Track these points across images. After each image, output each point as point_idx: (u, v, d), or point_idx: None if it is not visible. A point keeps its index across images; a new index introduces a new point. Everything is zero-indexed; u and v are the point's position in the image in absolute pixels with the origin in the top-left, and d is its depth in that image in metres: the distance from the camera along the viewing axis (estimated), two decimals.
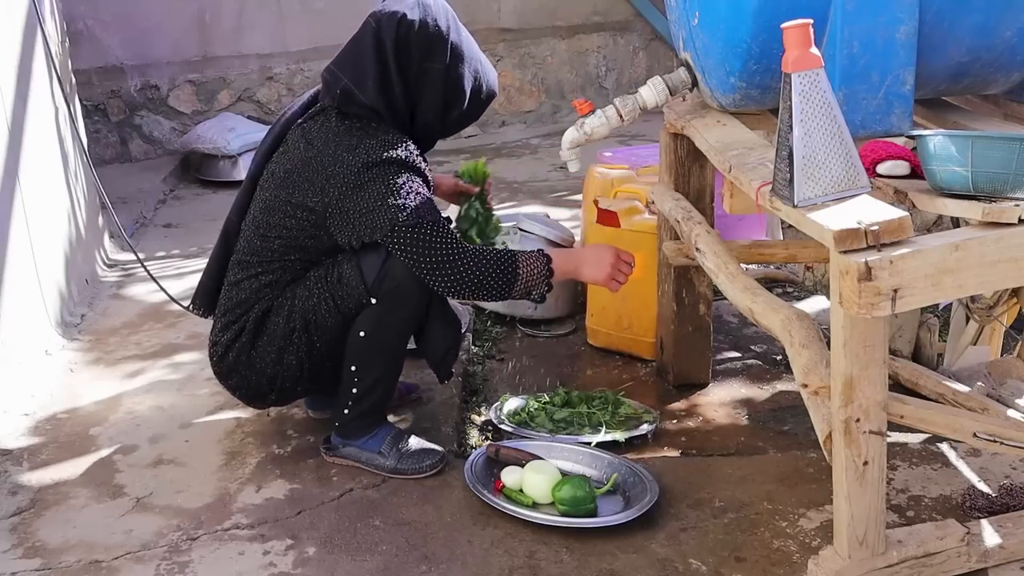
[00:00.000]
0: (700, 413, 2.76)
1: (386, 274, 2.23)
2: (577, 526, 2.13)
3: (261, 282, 2.33)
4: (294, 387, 2.38)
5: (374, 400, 2.36)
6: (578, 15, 6.68)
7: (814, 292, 3.53)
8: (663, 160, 2.74)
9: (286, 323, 2.30)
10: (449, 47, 2.31)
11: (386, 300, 2.25)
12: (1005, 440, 1.85)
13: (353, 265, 2.25)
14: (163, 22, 5.82)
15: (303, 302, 2.29)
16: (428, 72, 2.30)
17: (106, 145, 5.85)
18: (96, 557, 2.11)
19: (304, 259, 2.31)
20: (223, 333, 2.37)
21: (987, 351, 2.70)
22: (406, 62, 2.29)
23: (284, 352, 2.31)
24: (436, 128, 2.38)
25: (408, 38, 2.28)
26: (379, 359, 2.32)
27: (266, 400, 2.43)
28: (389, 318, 2.27)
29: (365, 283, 2.24)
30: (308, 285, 2.29)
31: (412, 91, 2.31)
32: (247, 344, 2.33)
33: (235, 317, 2.35)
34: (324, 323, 2.28)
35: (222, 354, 2.38)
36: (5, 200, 3.09)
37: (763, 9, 2.07)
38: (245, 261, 2.36)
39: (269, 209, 2.31)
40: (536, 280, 2.25)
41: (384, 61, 2.27)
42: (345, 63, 2.31)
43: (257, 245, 2.33)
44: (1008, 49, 2.18)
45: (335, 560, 2.07)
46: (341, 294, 2.26)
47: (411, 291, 2.25)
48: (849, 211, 1.64)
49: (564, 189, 5.06)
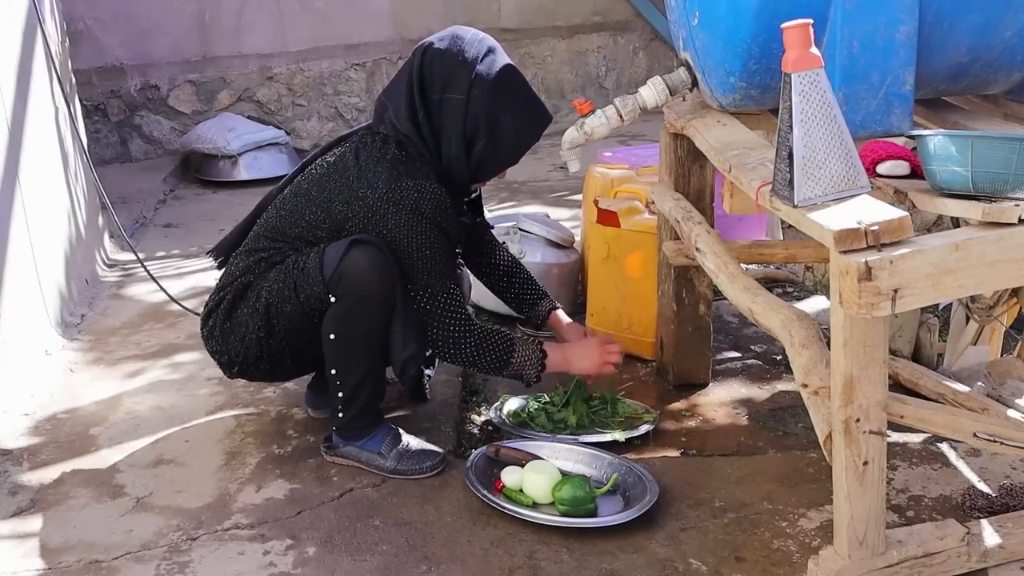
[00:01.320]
0: (700, 413, 2.76)
1: (343, 273, 2.22)
2: (577, 526, 2.13)
3: (255, 258, 2.37)
4: (255, 367, 2.40)
5: (364, 401, 2.36)
6: (578, 15, 6.68)
7: (814, 292, 3.53)
8: (663, 160, 2.74)
9: (254, 304, 2.33)
10: (473, 79, 2.28)
11: (345, 299, 2.24)
12: (1005, 440, 1.85)
13: (316, 257, 2.26)
14: (163, 22, 5.83)
15: (270, 286, 2.31)
16: (449, 103, 2.30)
17: (106, 145, 5.86)
18: (96, 557, 2.11)
19: (296, 249, 2.34)
20: (212, 298, 2.44)
21: (987, 351, 2.70)
22: (429, 91, 2.31)
23: (248, 331, 2.34)
24: (463, 165, 2.34)
25: (432, 67, 2.30)
26: (356, 360, 2.31)
27: (232, 372, 2.47)
28: (353, 318, 2.26)
29: (323, 275, 2.23)
30: (279, 270, 2.32)
31: (435, 122, 2.32)
32: (224, 315, 2.38)
33: (223, 284, 2.42)
34: (283, 309, 2.29)
35: (204, 317, 2.45)
36: (5, 200, 3.09)
37: (763, 9, 2.07)
38: (258, 235, 2.41)
39: (299, 198, 2.36)
40: (528, 369, 2.41)
41: (411, 90, 2.30)
42: (391, 92, 2.37)
43: (274, 223, 2.38)
44: (1008, 49, 2.18)
45: (335, 560, 2.07)
46: (302, 284, 2.27)
47: (370, 290, 2.23)
48: (849, 211, 1.64)
49: (564, 189, 5.06)
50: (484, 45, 2.33)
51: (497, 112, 2.30)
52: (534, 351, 2.40)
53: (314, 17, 6.05)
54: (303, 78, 6.14)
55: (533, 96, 2.39)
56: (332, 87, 6.21)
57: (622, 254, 3.03)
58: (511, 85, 2.34)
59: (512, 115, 2.33)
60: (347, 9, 6.08)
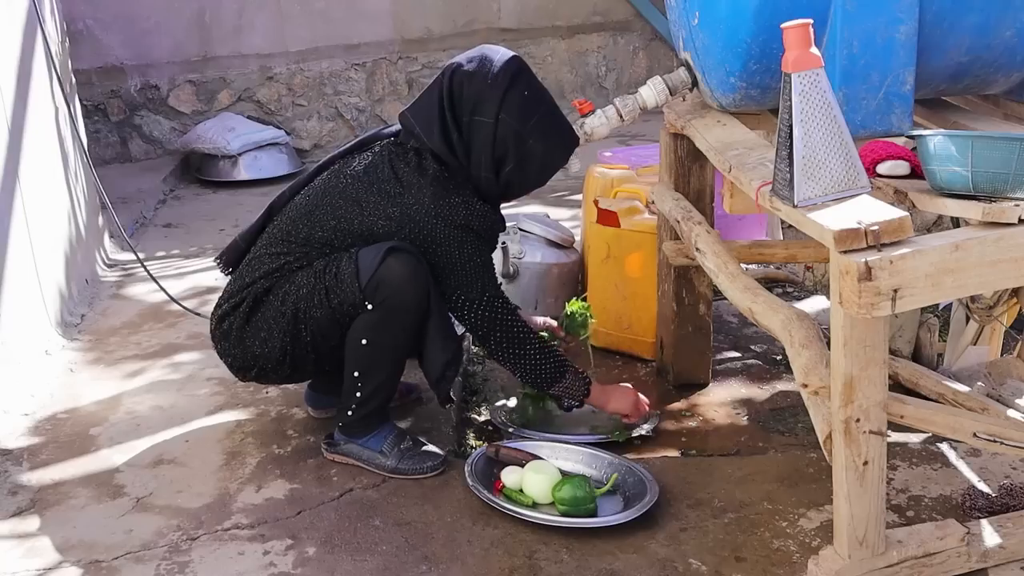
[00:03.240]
0: (700, 413, 2.76)
1: (380, 280, 2.22)
2: (577, 526, 2.13)
3: (278, 262, 2.35)
4: (275, 371, 2.39)
5: (377, 403, 2.37)
6: (578, 15, 6.68)
7: (814, 292, 3.53)
8: (663, 160, 2.74)
9: (279, 307, 2.31)
10: (502, 103, 2.29)
11: (382, 307, 2.24)
12: (1005, 440, 1.85)
13: (351, 264, 2.25)
14: (163, 22, 5.83)
15: (298, 290, 2.30)
16: (478, 125, 2.30)
17: (106, 145, 5.85)
18: (96, 557, 2.11)
19: (323, 254, 2.32)
20: (228, 300, 2.41)
21: (987, 351, 2.70)
22: (459, 113, 2.32)
23: (271, 335, 2.32)
24: (492, 185, 2.36)
25: (461, 90, 2.31)
26: (382, 366, 2.32)
27: (247, 376, 2.45)
28: (388, 325, 2.26)
29: (360, 283, 2.23)
30: (308, 274, 2.30)
31: (466, 143, 2.33)
32: (242, 318, 2.36)
33: (241, 287, 2.38)
34: (313, 315, 2.28)
35: (219, 319, 2.42)
36: (5, 200, 3.09)
37: (763, 9, 2.07)
38: (276, 238, 2.38)
39: (328, 205, 2.34)
40: (571, 394, 2.45)
41: (443, 111, 2.31)
42: (418, 110, 2.37)
43: (300, 228, 2.35)
44: (1008, 49, 2.18)
45: (335, 560, 2.07)
46: (335, 290, 2.26)
47: (408, 298, 2.24)
48: (849, 211, 1.64)
49: (564, 189, 5.06)
50: (513, 66, 2.33)
51: (525, 136, 2.31)
52: (582, 384, 2.44)
53: (314, 17, 6.05)
54: (303, 78, 6.14)
55: (561, 119, 2.39)
56: (332, 87, 6.21)
57: (622, 254, 3.03)
58: (539, 109, 2.34)
59: (540, 139, 2.33)
60: (347, 9, 6.08)
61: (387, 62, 6.24)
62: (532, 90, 2.34)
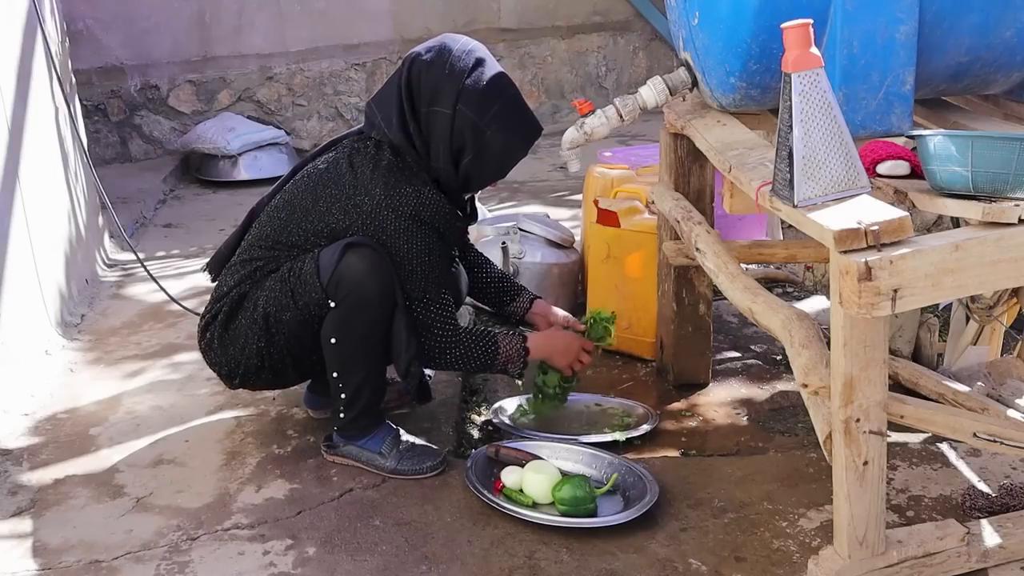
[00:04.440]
0: (700, 413, 2.76)
1: (340, 277, 2.21)
2: (577, 526, 2.13)
3: (249, 268, 2.36)
4: (256, 376, 2.39)
5: (365, 402, 2.36)
6: (578, 15, 6.68)
7: (814, 292, 3.53)
8: (663, 160, 2.74)
9: (251, 314, 2.32)
10: (459, 93, 2.25)
11: (344, 303, 2.23)
12: (1005, 440, 1.85)
13: (312, 263, 2.26)
14: (163, 22, 5.83)
15: (267, 295, 2.30)
16: (435, 116, 2.28)
17: (106, 145, 5.85)
18: (96, 557, 2.11)
19: (291, 256, 2.33)
20: (209, 309, 2.43)
21: (987, 351, 2.70)
22: (417, 104, 2.30)
23: (248, 342, 2.33)
24: (452, 177, 2.33)
25: (420, 80, 2.29)
26: (357, 363, 2.31)
27: (232, 383, 2.46)
28: (353, 321, 2.25)
29: (321, 282, 2.23)
30: (275, 279, 2.31)
31: (424, 133, 2.31)
32: (221, 327, 2.37)
33: (219, 295, 2.40)
34: (282, 318, 2.29)
35: (202, 329, 2.44)
36: (5, 200, 3.09)
37: (763, 9, 2.07)
38: (250, 244, 2.40)
39: (293, 205, 2.35)
40: (512, 366, 2.41)
41: (401, 101, 2.29)
42: (381, 100, 2.35)
43: (268, 231, 2.36)
44: (1008, 49, 2.18)
45: (335, 560, 2.07)
46: (300, 291, 2.26)
47: (369, 292, 2.23)
48: (849, 211, 1.64)
49: (564, 189, 5.06)
50: (472, 57, 2.29)
51: (483, 127, 2.28)
52: (517, 347, 2.40)
53: (314, 17, 6.05)
54: (303, 78, 6.14)
55: (522, 109, 2.35)
56: (332, 87, 6.21)
57: (622, 254, 3.03)
58: (499, 99, 2.30)
59: (499, 130, 2.29)
60: (347, 9, 6.08)
61: (387, 62, 6.24)
62: (492, 79, 2.29)
